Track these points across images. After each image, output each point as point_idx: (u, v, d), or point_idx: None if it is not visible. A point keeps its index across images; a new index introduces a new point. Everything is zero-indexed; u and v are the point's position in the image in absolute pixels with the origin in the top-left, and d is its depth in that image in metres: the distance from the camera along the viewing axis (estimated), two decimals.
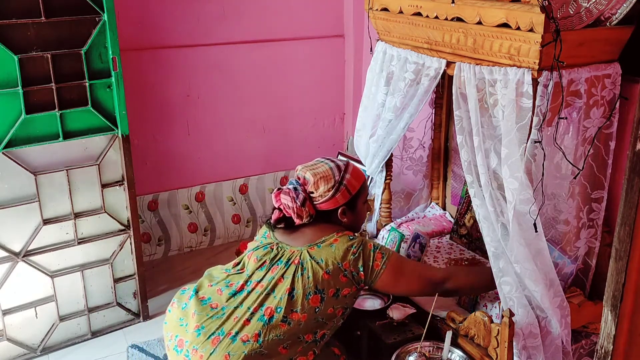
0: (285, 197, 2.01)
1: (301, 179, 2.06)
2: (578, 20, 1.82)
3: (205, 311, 1.93)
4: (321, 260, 1.92)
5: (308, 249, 1.95)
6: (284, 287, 1.89)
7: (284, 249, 1.98)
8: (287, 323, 1.86)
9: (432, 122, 2.86)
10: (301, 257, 1.94)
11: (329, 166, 2.07)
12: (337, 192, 2.02)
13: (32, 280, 2.60)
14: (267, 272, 1.95)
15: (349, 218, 2.09)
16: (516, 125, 1.80)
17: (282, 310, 1.86)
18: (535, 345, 1.95)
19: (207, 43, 3.28)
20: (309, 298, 1.88)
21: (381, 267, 1.95)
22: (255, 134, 3.58)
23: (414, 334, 2.22)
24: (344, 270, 1.92)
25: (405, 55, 2.30)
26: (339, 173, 2.04)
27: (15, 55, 2.33)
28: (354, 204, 2.09)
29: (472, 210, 2.63)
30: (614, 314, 1.38)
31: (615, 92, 1.94)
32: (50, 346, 2.71)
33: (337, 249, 1.94)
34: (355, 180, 2.08)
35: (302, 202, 1.99)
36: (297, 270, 1.91)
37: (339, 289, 1.92)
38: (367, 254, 1.96)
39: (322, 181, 2.02)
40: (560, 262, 2.07)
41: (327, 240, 1.97)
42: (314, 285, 1.89)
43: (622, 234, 1.33)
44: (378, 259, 1.96)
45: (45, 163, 2.53)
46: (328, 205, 2.04)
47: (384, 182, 2.80)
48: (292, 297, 1.88)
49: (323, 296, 1.90)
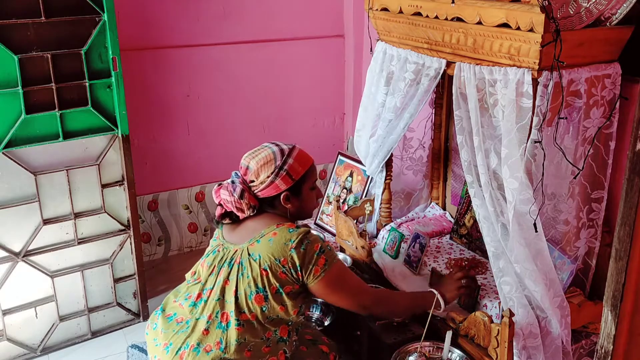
0: (224, 192, 1.93)
1: (242, 169, 1.97)
2: (578, 20, 1.82)
3: (172, 327, 1.89)
4: (259, 256, 1.82)
5: (248, 245, 1.86)
6: (231, 289, 1.83)
7: (228, 249, 1.91)
8: (241, 326, 1.80)
9: (432, 122, 2.86)
10: (242, 255, 1.86)
11: (271, 150, 1.96)
12: (277, 177, 1.91)
13: (32, 280, 2.60)
14: (217, 276, 1.88)
15: (294, 204, 1.97)
16: (516, 125, 1.80)
17: (233, 314, 1.80)
18: (535, 345, 1.95)
19: (207, 43, 3.28)
20: (251, 298, 1.81)
21: (320, 274, 1.84)
22: (255, 134, 3.57)
23: (414, 334, 2.21)
24: (282, 266, 1.80)
25: (405, 55, 2.30)
26: (281, 157, 1.93)
27: (15, 55, 2.33)
28: (298, 189, 1.97)
29: (472, 210, 2.63)
30: (614, 314, 1.38)
31: (615, 92, 1.94)
32: (50, 346, 2.71)
33: (274, 243, 1.82)
34: (299, 164, 1.95)
35: (240, 194, 1.90)
36: (239, 270, 1.84)
37: (279, 287, 1.81)
38: (310, 254, 1.83)
39: (263, 167, 1.92)
40: (560, 262, 2.07)
41: (266, 234, 1.86)
42: (254, 284, 1.80)
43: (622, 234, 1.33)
44: (320, 264, 1.84)
45: (45, 163, 2.53)
46: (269, 192, 1.93)
47: (384, 182, 2.80)
48: (237, 298, 1.82)
49: (265, 294, 1.81)
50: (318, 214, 3.31)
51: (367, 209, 2.78)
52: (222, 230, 2.01)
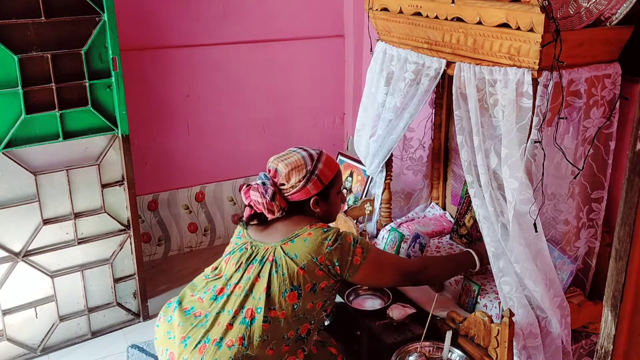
0: (255, 193, 1.95)
1: (271, 171, 1.99)
2: (578, 20, 1.82)
3: (190, 321, 1.89)
4: (295, 256, 1.86)
5: (282, 244, 1.90)
6: (261, 286, 1.85)
7: (258, 247, 1.93)
8: (268, 322, 1.82)
9: (432, 122, 2.86)
10: (275, 253, 1.88)
11: (301, 155, 2.00)
12: (308, 182, 1.95)
13: (32, 280, 2.60)
14: (243, 272, 1.90)
15: (322, 209, 2.02)
16: (516, 125, 1.80)
17: (261, 310, 1.82)
18: (535, 345, 1.95)
19: (207, 43, 3.28)
20: (285, 295, 1.83)
21: (360, 262, 1.91)
22: (255, 134, 3.57)
23: (414, 334, 2.21)
24: (319, 264, 1.86)
25: (405, 55, 2.30)
26: (311, 162, 1.98)
27: (15, 55, 2.33)
28: (327, 194, 2.02)
29: (472, 210, 2.63)
30: (614, 314, 1.38)
31: (615, 92, 1.94)
32: (50, 346, 2.71)
33: (311, 243, 1.87)
34: (328, 169, 2.01)
35: (272, 196, 1.92)
36: (272, 268, 1.86)
37: (315, 284, 1.86)
38: (346, 247, 1.90)
39: (294, 172, 1.95)
40: (560, 262, 2.07)
41: (301, 234, 1.90)
42: (290, 282, 1.84)
43: (622, 234, 1.33)
44: (358, 253, 1.91)
45: (45, 163, 2.53)
46: (300, 196, 1.97)
47: (384, 182, 2.79)
48: (269, 295, 1.84)
49: (300, 292, 1.85)
50: None
51: (367, 209, 2.78)
52: (247, 230, 2.02)
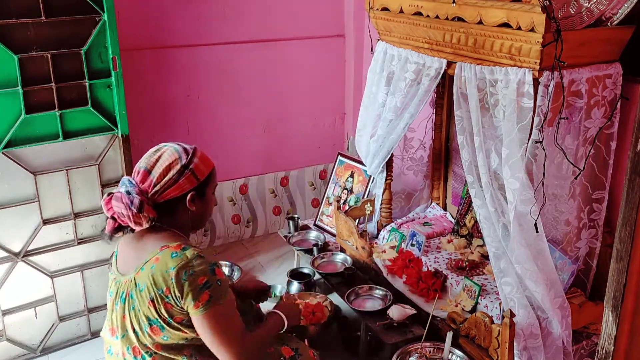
0: (118, 204, 1.69)
1: (140, 173, 1.74)
2: (579, 20, 1.82)
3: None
4: (143, 287, 1.65)
5: (135, 274, 1.69)
6: (129, 324, 1.71)
7: (120, 282, 1.75)
8: (155, 355, 1.70)
9: (433, 122, 2.86)
10: (130, 287, 1.70)
11: (175, 149, 1.78)
12: (181, 176, 1.72)
13: (32, 280, 2.59)
14: (116, 313, 1.76)
15: (198, 206, 1.79)
16: (517, 125, 1.80)
17: (141, 347, 1.70)
18: (536, 346, 1.95)
19: (207, 43, 3.28)
20: (147, 331, 1.67)
21: (199, 311, 1.63)
22: (255, 134, 3.57)
23: (415, 334, 2.21)
24: (165, 296, 1.63)
25: (405, 55, 2.30)
26: (186, 157, 1.75)
27: (15, 55, 2.32)
28: (202, 191, 1.80)
29: (472, 210, 2.63)
30: (614, 315, 1.38)
31: (616, 93, 1.94)
32: (50, 346, 2.70)
33: (156, 270, 1.64)
34: (204, 165, 1.80)
35: (139, 207, 1.67)
36: (129, 305, 1.70)
37: (169, 318, 1.65)
38: (193, 286, 1.62)
39: (168, 167, 1.73)
40: (561, 263, 2.07)
41: (150, 260, 1.67)
42: (146, 317, 1.66)
43: (623, 235, 1.33)
44: (202, 300, 1.62)
45: (45, 163, 2.52)
46: (173, 192, 1.73)
47: (384, 183, 2.79)
48: (137, 333, 1.70)
49: (160, 325, 1.66)
50: (318, 214, 3.31)
51: (368, 210, 2.78)
52: (115, 260, 1.84)
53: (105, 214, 1.76)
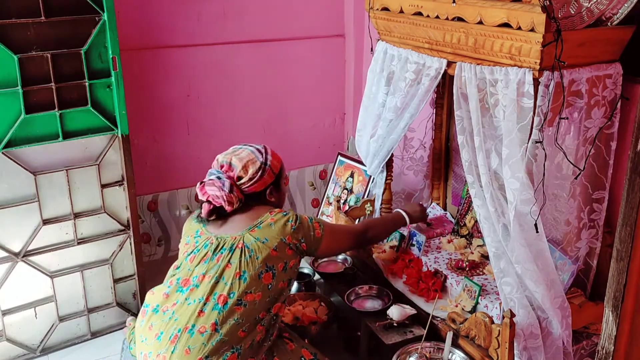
0: (211, 188, 2.04)
1: (225, 166, 2.09)
2: (579, 20, 1.82)
3: (160, 318, 1.94)
4: (266, 239, 1.98)
5: (249, 232, 2.00)
6: (232, 272, 1.93)
7: (224, 238, 2.01)
8: (243, 305, 1.90)
9: (433, 122, 2.86)
10: (244, 240, 1.98)
11: (250, 150, 2.13)
12: (264, 172, 2.09)
13: (32, 280, 2.59)
14: (210, 263, 1.97)
15: (276, 197, 2.18)
16: (517, 125, 1.80)
17: (235, 295, 1.89)
18: (536, 346, 1.95)
19: (207, 43, 3.28)
20: (261, 277, 1.93)
21: (322, 235, 2.09)
22: (255, 134, 3.57)
23: (415, 334, 2.21)
24: (288, 243, 2.00)
25: (406, 55, 2.30)
26: (262, 155, 2.12)
27: (15, 55, 2.32)
28: (278, 183, 2.18)
29: (472, 210, 2.63)
30: (615, 315, 1.38)
31: (616, 92, 1.94)
32: (50, 346, 2.70)
33: (276, 226, 2.01)
34: (276, 160, 2.17)
35: (230, 188, 2.03)
36: (242, 254, 1.95)
37: (286, 262, 1.99)
38: (306, 225, 2.07)
39: (249, 164, 2.08)
40: (561, 263, 2.07)
41: (265, 221, 2.02)
42: (264, 263, 1.95)
43: (624, 235, 1.33)
44: (317, 228, 2.09)
45: (45, 163, 2.52)
46: (257, 187, 2.10)
47: (384, 183, 2.79)
48: (244, 279, 1.91)
49: (274, 272, 1.96)
50: (318, 214, 3.31)
51: (368, 210, 2.78)
52: (205, 228, 2.09)
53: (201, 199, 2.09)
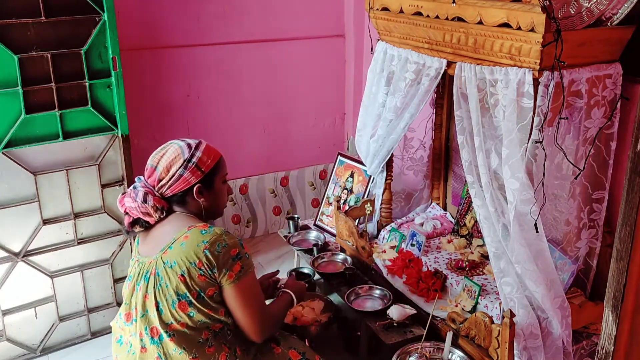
0: (128, 199, 1.86)
1: (148, 170, 1.88)
2: (579, 20, 1.82)
3: (124, 350, 1.87)
4: (174, 263, 1.75)
5: (162, 254, 1.79)
6: (151, 303, 1.78)
7: (143, 263, 1.84)
8: (173, 336, 1.75)
9: (433, 122, 2.86)
10: (157, 266, 1.79)
11: (178, 145, 1.90)
12: (185, 170, 1.84)
13: (32, 280, 2.60)
14: (136, 294, 1.83)
15: (207, 198, 1.91)
16: (517, 125, 1.80)
17: (160, 327, 1.75)
18: (536, 346, 1.95)
19: (207, 43, 3.28)
20: (175, 307, 1.75)
21: (233, 280, 1.77)
22: (255, 134, 3.57)
23: (415, 334, 2.21)
24: (198, 269, 1.74)
25: (405, 55, 2.30)
26: (189, 151, 1.87)
27: (15, 55, 2.32)
28: (210, 182, 1.91)
29: (472, 210, 2.63)
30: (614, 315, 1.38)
31: (616, 93, 1.94)
32: (50, 346, 2.70)
33: (187, 246, 1.76)
34: (208, 157, 1.91)
35: (143, 198, 1.82)
36: (155, 283, 1.78)
37: (200, 291, 1.75)
38: (226, 257, 1.76)
39: (173, 163, 1.85)
40: (561, 263, 2.07)
41: (178, 239, 1.79)
42: (175, 292, 1.75)
43: (623, 235, 1.33)
44: (235, 270, 1.77)
45: (45, 163, 2.52)
46: (179, 186, 1.85)
47: (384, 183, 2.79)
48: (161, 311, 1.76)
49: (189, 300, 1.75)
50: (318, 214, 3.31)
51: (368, 210, 2.78)
52: (137, 247, 1.94)
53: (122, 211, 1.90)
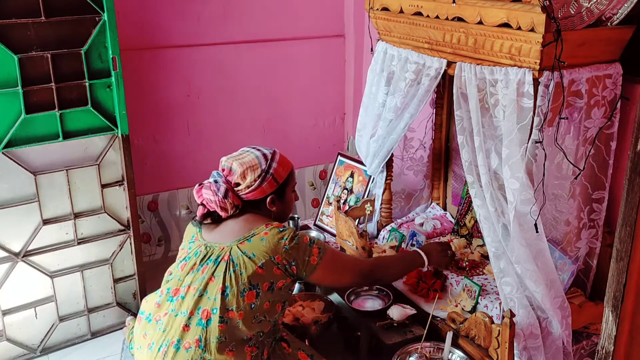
0: (207, 192, 1.95)
1: (225, 170, 1.99)
2: (579, 20, 1.82)
3: (152, 327, 1.89)
4: (253, 255, 1.85)
5: (238, 244, 1.88)
6: (216, 286, 1.82)
7: (212, 247, 1.91)
8: (225, 323, 1.79)
9: (433, 122, 2.86)
10: (231, 252, 1.86)
11: (255, 155, 2.00)
12: (263, 181, 1.96)
13: (32, 280, 2.60)
14: (196, 274, 1.88)
15: (278, 207, 2.03)
16: (517, 125, 1.80)
17: (217, 311, 1.79)
18: (536, 346, 1.95)
19: (207, 43, 3.28)
20: (244, 295, 1.81)
21: (317, 262, 1.92)
22: (255, 134, 3.57)
23: (415, 334, 2.21)
24: (276, 263, 1.86)
25: (405, 55, 2.30)
26: (266, 162, 1.98)
27: (15, 55, 2.32)
28: (282, 192, 2.03)
29: (472, 210, 2.63)
30: (614, 315, 1.38)
31: (616, 93, 1.94)
32: (50, 346, 2.70)
33: (268, 242, 1.86)
34: (283, 168, 2.02)
35: (224, 194, 1.92)
36: (227, 268, 1.84)
37: (273, 282, 1.86)
38: (303, 247, 1.90)
39: (249, 171, 1.95)
40: (561, 263, 2.07)
41: (257, 234, 1.89)
42: (248, 280, 1.82)
43: (623, 235, 1.33)
44: (315, 253, 1.92)
45: (45, 163, 2.52)
46: (255, 195, 1.97)
47: (384, 183, 2.79)
48: (226, 295, 1.81)
49: (258, 291, 1.83)
50: (318, 214, 3.31)
51: (368, 210, 2.78)
52: (200, 233, 2.00)
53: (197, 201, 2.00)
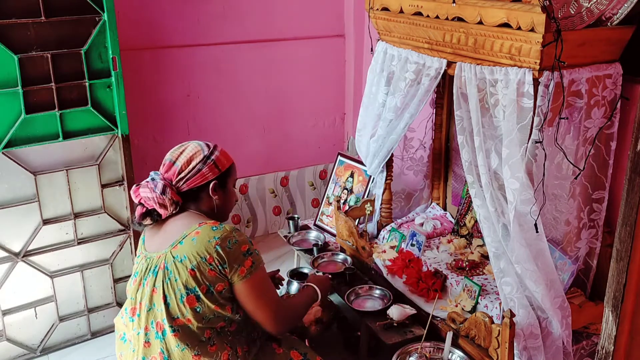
0: (144, 190, 1.88)
1: (165, 165, 1.94)
2: (579, 20, 1.82)
3: (127, 347, 1.90)
4: (184, 258, 1.79)
5: (171, 249, 1.83)
6: (159, 297, 1.80)
7: (152, 258, 1.87)
8: (177, 331, 1.77)
9: (433, 122, 2.86)
10: (166, 260, 1.82)
11: (197, 143, 1.97)
12: (204, 165, 1.91)
13: (32, 280, 2.60)
14: (142, 289, 1.86)
15: (221, 196, 1.96)
16: (517, 125, 1.80)
17: (166, 321, 1.77)
18: (536, 346, 1.95)
19: (207, 43, 3.28)
20: (183, 301, 1.77)
21: (245, 275, 1.80)
22: (255, 134, 3.57)
23: (415, 334, 2.21)
24: (208, 264, 1.77)
25: (405, 55, 2.30)
26: (208, 149, 1.95)
27: (15, 55, 2.33)
28: (224, 181, 1.97)
29: (472, 210, 2.63)
30: (614, 315, 1.38)
31: (616, 93, 1.94)
32: (50, 346, 2.70)
33: (198, 242, 1.79)
34: (225, 158, 1.99)
35: (162, 190, 1.86)
36: (164, 276, 1.80)
37: (210, 285, 1.78)
38: (237, 253, 1.80)
39: (193, 157, 1.91)
40: (561, 263, 2.07)
41: (188, 235, 1.82)
42: (184, 286, 1.77)
43: (623, 235, 1.33)
44: (247, 265, 1.80)
45: (45, 163, 2.52)
46: (196, 181, 1.90)
47: (384, 183, 2.79)
48: (168, 304, 1.78)
49: (197, 294, 1.78)
50: (318, 214, 3.31)
51: (368, 210, 2.78)
52: (144, 243, 1.97)
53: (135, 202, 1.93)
